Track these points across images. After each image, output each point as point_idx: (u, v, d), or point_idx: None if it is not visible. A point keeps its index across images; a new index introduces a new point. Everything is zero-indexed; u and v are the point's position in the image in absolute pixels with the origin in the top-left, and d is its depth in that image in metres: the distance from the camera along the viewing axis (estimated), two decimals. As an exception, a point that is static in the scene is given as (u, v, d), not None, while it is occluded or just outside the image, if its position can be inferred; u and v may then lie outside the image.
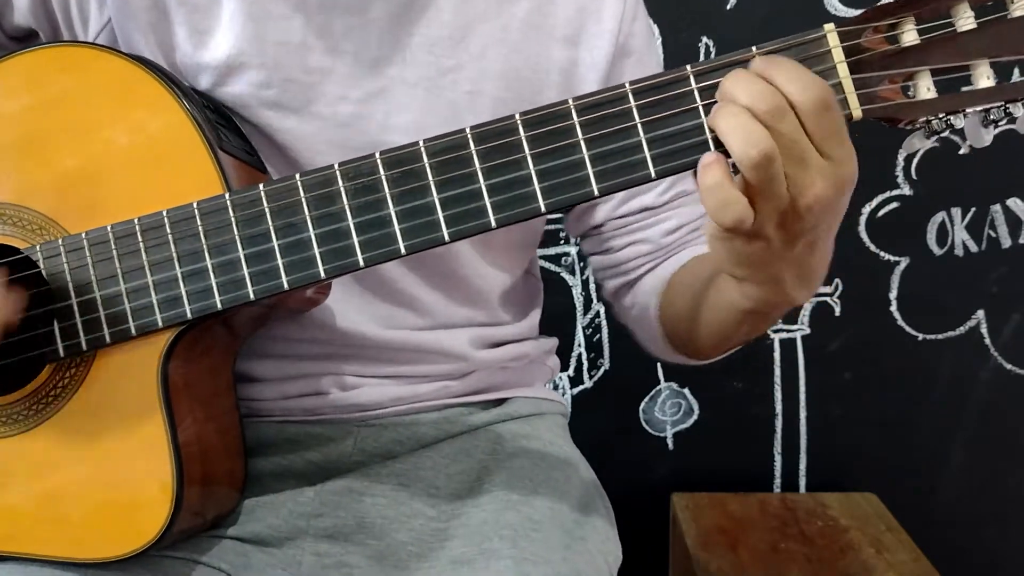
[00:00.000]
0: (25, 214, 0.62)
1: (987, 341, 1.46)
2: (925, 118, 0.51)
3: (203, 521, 0.67)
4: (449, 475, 0.73)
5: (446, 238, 0.55)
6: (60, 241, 0.61)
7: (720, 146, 0.51)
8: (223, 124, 0.65)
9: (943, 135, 0.52)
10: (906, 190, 1.41)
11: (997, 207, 1.43)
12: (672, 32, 1.40)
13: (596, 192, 0.53)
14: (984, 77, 0.50)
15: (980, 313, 1.46)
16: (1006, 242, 1.43)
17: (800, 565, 1.26)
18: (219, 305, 0.59)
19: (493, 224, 0.55)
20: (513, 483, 0.73)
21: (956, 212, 1.43)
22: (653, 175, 0.53)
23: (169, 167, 0.61)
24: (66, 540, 0.63)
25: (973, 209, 1.42)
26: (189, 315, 0.59)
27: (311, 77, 0.68)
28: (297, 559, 0.69)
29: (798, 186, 0.50)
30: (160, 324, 0.60)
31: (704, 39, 1.40)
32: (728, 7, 1.39)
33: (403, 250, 0.56)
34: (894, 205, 1.42)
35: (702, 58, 1.40)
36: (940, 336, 1.47)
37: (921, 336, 1.47)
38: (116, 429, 0.62)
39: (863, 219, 1.43)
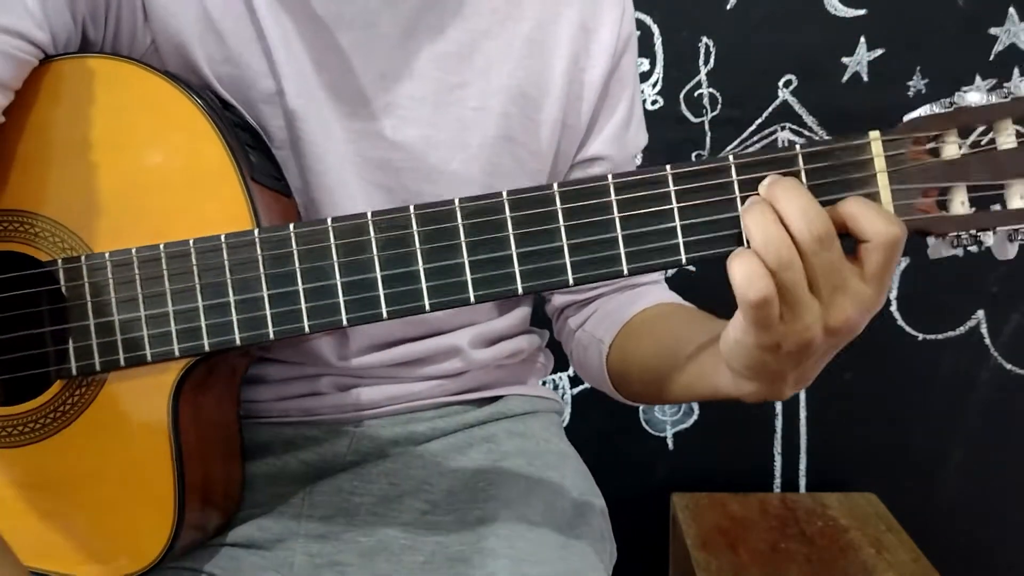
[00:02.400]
0: (47, 224, 0.61)
1: (987, 341, 1.46)
2: (955, 233, 0.51)
3: (202, 536, 0.67)
4: (442, 473, 0.73)
5: (472, 299, 0.54)
6: (82, 258, 0.60)
7: None
8: (253, 146, 0.64)
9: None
10: (906, 190, 1.41)
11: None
12: (672, 32, 1.39)
13: (625, 271, 0.53)
14: (1018, 196, 0.50)
15: (980, 313, 1.45)
16: (1006, 242, 1.43)
17: (800, 565, 1.26)
18: (238, 341, 0.58)
19: (520, 291, 0.54)
20: (508, 482, 0.73)
21: (956, 212, 1.43)
22: (684, 260, 0.53)
23: (200, 193, 0.60)
24: (66, 557, 0.62)
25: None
26: (207, 348, 0.58)
27: (321, 92, 0.67)
28: (289, 561, 0.69)
29: (828, 312, 0.49)
30: (177, 354, 0.59)
31: (704, 39, 1.40)
32: (728, 7, 1.38)
33: (427, 307, 0.55)
34: (894, 205, 1.42)
35: (702, 58, 1.41)
36: (940, 336, 1.47)
37: (921, 336, 1.47)
38: (122, 451, 0.61)
39: (863, 219, 1.43)
